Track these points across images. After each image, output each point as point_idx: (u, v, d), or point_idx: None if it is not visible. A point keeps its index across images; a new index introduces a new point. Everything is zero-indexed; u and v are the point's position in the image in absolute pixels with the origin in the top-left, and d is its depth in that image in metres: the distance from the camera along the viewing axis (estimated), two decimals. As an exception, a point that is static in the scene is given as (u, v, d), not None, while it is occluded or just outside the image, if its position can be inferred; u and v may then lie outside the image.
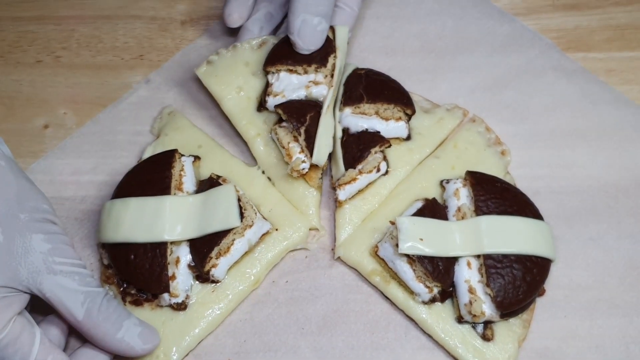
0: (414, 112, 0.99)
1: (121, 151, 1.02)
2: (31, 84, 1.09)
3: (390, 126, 0.98)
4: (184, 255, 0.88)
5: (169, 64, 1.11)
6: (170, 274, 0.86)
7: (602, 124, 1.04)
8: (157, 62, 1.12)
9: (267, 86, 0.99)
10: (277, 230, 0.93)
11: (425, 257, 0.84)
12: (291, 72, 0.98)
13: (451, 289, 0.87)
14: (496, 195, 0.90)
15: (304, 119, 0.94)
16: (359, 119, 0.97)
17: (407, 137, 1.00)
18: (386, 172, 0.97)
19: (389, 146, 0.97)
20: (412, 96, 1.01)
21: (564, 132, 1.03)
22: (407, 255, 0.85)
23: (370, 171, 0.95)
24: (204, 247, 0.87)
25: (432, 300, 0.87)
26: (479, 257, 0.86)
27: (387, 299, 0.91)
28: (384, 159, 0.97)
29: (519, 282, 0.84)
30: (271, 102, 0.97)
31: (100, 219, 0.91)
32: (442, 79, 1.09)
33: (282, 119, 0.96)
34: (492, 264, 0.84)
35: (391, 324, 0.90)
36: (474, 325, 0.87)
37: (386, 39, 1.12)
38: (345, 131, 0.97)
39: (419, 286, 0.86)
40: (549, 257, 0.87)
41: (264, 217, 0.93)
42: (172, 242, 0.87)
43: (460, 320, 0.86)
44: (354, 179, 0.94)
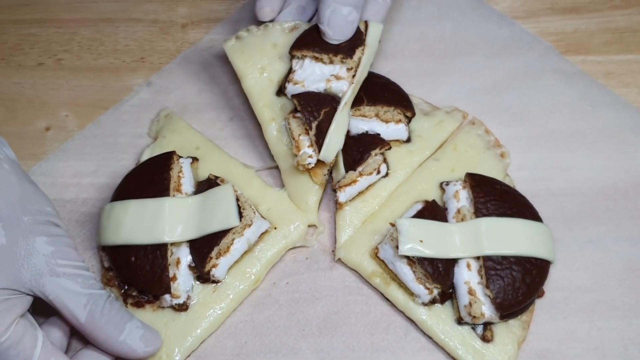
0: (413, 114, 0.99)
1: (122, 154, 1.03)
2: (33, 86, 1.10)
3: (390, 128, 0.98)
4: (185, 256, 0.88)
5: (170, 66, 1.11)
6: (171, 275, 0.86)
7: (600, 126, 1.04)
8: (159, 65, 1.12)
9: (289, 72, 0.97)
10: (275, 228, 0.94)
11: (425, 258, 0.84)
12: (317, 60, 0.96)
13: (451, 291, 0.88)
14: (496, 197, 0.91)
15: (317, 113, 0.92)
16: (359, 122, 0.97)
17: (407, 140, 1.00)
18: (386, 174, 0.98)
19: (389, 148, 0.97)
20: (412, 99, 1.01)
21: (563, 134, 1.04)
22: (407, 256, 0.85)
23: (370, 173, 0.95)
24: (204, 248, 0.87)
25: (432, 301, 0.87)
26: (478, 258, 0.86)
27: (387, 300, 0.91)
28: (384, 161, 0.97)
29: (519, 284, 0.84)
30: (290, 89, 0.96)
31: (99, 221, 0.91)
32: (441, 81, 1.09)
33: (297, 109, 0.94)
34: (491, 266, 0.85)
35: (391, 325, 0.90)
36: (473, 326, 0.87)
37: (386, 42, 1.13)
38: (345, 133, 0.98)
39: (419, 288, 0.86)
40: (548, 258, 0.87)
41: (263, 216, 0.94)
42: (172, 244, 0.88)
43: (460, 321, 0.87)
44: (355, 181, 0.94)
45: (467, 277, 0.86)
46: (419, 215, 0.89)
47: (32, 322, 0.81)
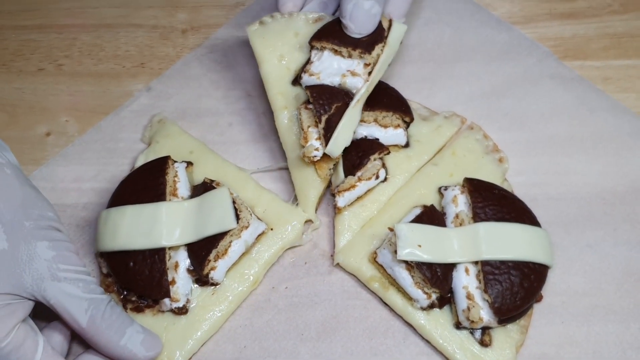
0: (412, 119, 1.00)
1: (123, 158, 1.03)
2: (33, 92, 1.10)
3: (388, 133, 0.98)
4: (183, 259, 0.88)
5: (170, 72, 1.12)
6: (170, 279, 0.86)
7: (599, 131, 1.04)
8: (158, 70, 1.12)
9: (307, 62, 0.97)
10: (272, 229, 0.94)
11: (423, 263, 0.84)
12: (335, 52, 0.95)
13: (449, 295, 0.88)
14: (494, 202, 0.91)
15: (329, 107, 0.91)
16: (358, 126, 0.97)
17: (406, 145, 1.00)
18: (385, 179, 0.98)
19: (388, 153, 0.97)
20: (410, 104, 1.01)
21: (561, 139, 1.04)
22: (405, 261, 0.85)
23: (369, 178, 0.95)
24: (202, 251, 0.87)
25: (431, 306, 0.87)
26: (476, 263, 0.86)
27: (385, 305, 0.91)
28: (383, 166, 0.97)
29: (517, 289, 0.84)
30: (305, 79, 0.96)
31: (97, 228, 0.91)
32: (440, 87, 1.10)
33: (310, 101, 0.94)
34: (489, 270, 0.85)
35: (390, 329, 0.90)
36: (472, 331, 0.87)
37: (385, 47, 1.13)
38: (345, 138, 0.98)
39: (417, 292, 0.86)
40: (546, 263, 0.88)
41: (259, 218, 0.94)
42: (170, 248, 0.88)
43: (458, 326, 0.87)
44: (353, 186, 0.94)
45: (466, 282, 0.86)
46: (418, 220, 0.89)
47: (33, 326, 0.81)
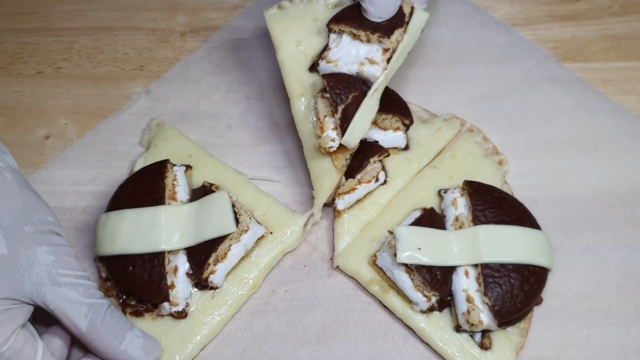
0: (412, 122, 0.99)
1: (122, 162, 1.03)
2: (32, 95, 1.10)
3: (388, 136, 0.98)
4: (182, 263, 0.88)
5: (169, 74, 1.12)
6: (169, 283, 0.86)
7: (599, 133, 1.04)
8: (157, 73, 1.12)
9: (325, 48, 0.95)
10: (271, 233, 0.94)
11: (423, 266, 0.84)
12: (354, 37, 0.93)
13: (449, 298, 0.88)
14: (494, 204, 0.91)
15: (346, 96, 0.89)
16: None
17: (405, 147, 1.00)
18: (384, 182, 0.98)
19: (388, 156, 0.97)
20: (410, 106, 1.01)
21: (561, 141, 1.04)
22: (405, 264, 0.85)
23: (369, 181, 0.95)
24: (201, 255, 0.87)
25: (430, 309, 0.87)
26: (476, 266, 0.86)
27: (385, 308, 0.91)
28: (383, 168, 0.97)
29: (517, 291, 0.84)
30: (323, 67, 0.94)
31: (95, 232, 0.91)
32: (439, 89, 1.10)
33: (327, 89, 0.91)
34: (489, 273, 0.85)
35: (390, 333, 0.90)
36: (472, 334, 0.87)
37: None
38: (344, 141, 0.98)
39: (417, 295, 0.86)
40: (546, 266, 0.87)
41: (258, 222, 0.94)
42: (169, 252, 0.88)
43: (458, 329, 0.87)
44: (353, 189, 0.94)
45: (465, 285, 0.86)
46: (417, 222, 0.89)
47: (33, 332, 0.81)
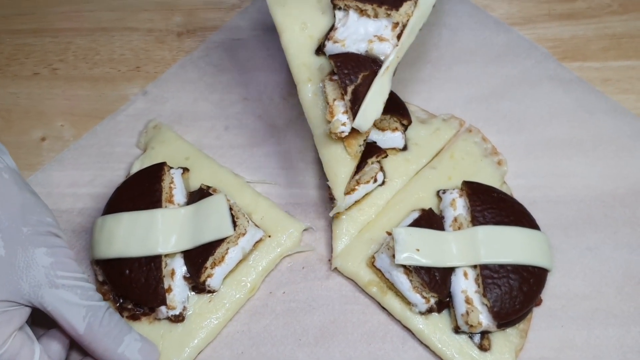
0: (410, 122, 0.99)
1: (119, 163, 1.02)
2: (28, 96, 1.09)
3: (386, 136, 0.98)
4: (179, 267, 0.88)
5: (166, 75, 1.11)
6: (166, 286, 0.86)
7: (598, 133, 1.04)
8: (154, 74, 1.12)
9: (331, 28, 0.89)
10: (270, 237, 0.94)
11: (421, 267, 0.84)
12: (361, 13, 0.87)
13: (448, 300, 0.87)
14: (493, 205, 0.90)
15: (355, 76, 0.84)
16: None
17: (404, 148, 1.00)
18: (383, 183, 0.98)
19: (386, 156, 0.97)
20: (408, 106, 1.01)
21: (560, 141, 1.03)
22: (403, 265, 0.85)
23: (367, 182, 0.95)
24: (198, 258, 0.87)
25: (429, 310, 0.87)
26: (475, 267, 0.86)
27: (384, 309, 0.91)
28: (381, 169, 0.97)
29: (516, 292, 0.84)
30: (329, 47, 0.88)
31: (92, 235, 0.90)
32: (438, 89, 1.09)
33: (335, 72, 0.86)
34: (488, 274, 0.84)
35: (388, 334, 0.89)
36: (471, 335, 0.87)
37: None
38: (342, 141, 0.98)
39: (415, 297, 0.86)
40: (546, 267, 0.87)
41: (257, 225, 0.94)
42: (166, 255, 0.87)
43: (457, 330, 0.86)
44: (352, 190, 0.94)
45: (464, 286, 0.86)
46: (416, 223, 0.89)
47: (30, 335, 0.80)
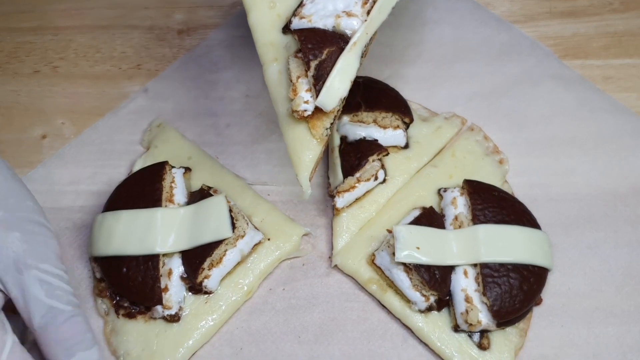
0: (412, 120, 0.99)
1: (119, 160, 1.02)
2: (29, 94, 1.10)
3: (388, 134, 0.98)
4: (177, 267, 0.87)
5: (167, 73, 1.11)
6: (162, 286, 0.86)
7: (599, 132, 1.04)
8: (155, 72, 1.12)
9: (299, 5, 0.85)
10: (269, 240, 0.93)
11: (422, 265, 0.84)
12: None
13: (448, 298, 0.87)
14: (493, 204, 0.90)
15: (319, 52, 0.80)
16: (357, 127, 0.97)
17: (405, 146, 1.00)
18: (384, 181, 0.97)
19: (387, 154, 0.97)
20: (410, 104, 1.01)
21: (561, 140, 1.03)
22: (403, 263, 0.85)
23: (368, 179, 0.94)
24: (196, 259, 0.86)
25: (429, 309, 0.87)
26: (475, 265, 0.86)
27: (384, 307, 0.90)
28: (382, 167, 0.97)
29: (516, 291, 0.84)
30: (295, 23, 0.84)
31: (91, 232, 0.90)
32: (440, 87, 1.09)
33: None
34: (488, 273, 0.84)
35: (388, 332, 0.89)
36: (470, 334, 0.86)
37: (384, 47, 1.13)
38: (343, 139, 0.98)
39: (415, 295, 0.86)
40: (546, 266, 0.87)
41: (256, 227, 0.93)
42: (164, 254, 0.87)
43: (456, 329, 0.86)
44: (353, 187, 0.94)
45: (464, 285, 0.85)
46: (416, 222, 0.89)
47: (4, 323, 0.76)
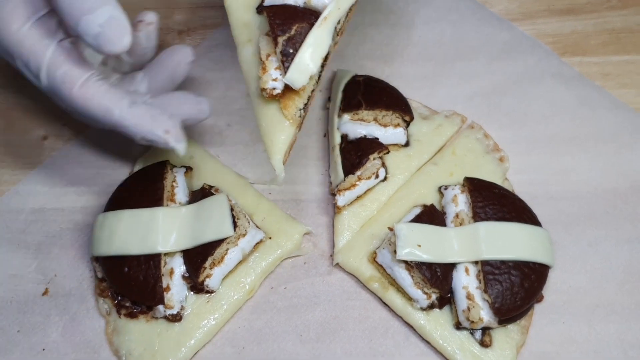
0: (412, 118, 0.99)
1: (121, 161, 1.03)
2: (30, 95, 1.09)
3: (388, 133, 0.98)
4: (178, 266, 0.88)
5: (168, 73, 1.11)
6: (164, 285, 0.86)
7: (600, 130, 1.04)
8: (156, 72, 1.11)
9: None
10: (270, 238, 0.93)
11: (423, 263, 0.84)
12: None
13: (449, 295, 0.87)
14: (494, 201, 0.90)
15: (288, 27, 0.77)
16: (358, 126, 0.97)
17: (406, 144, 1.00)
18: (385, 179, 0.98)
19: (388, 152, 0.97)
20: (410, 103, 1.01)
21: (562, 138, 1.03)
22: (405, 261, 0.85)
23: (369, 177, 0.95)
24: (197, 258, 0.86)
25: (431, 306, 0.87)
26: (477, 263, 0.86)
27: (385, 305, 0.91)
28: (383, 165, 0.97)
29: (517, 289, 0.84)
30: (268, 1, 0.81)
31: (93, 232, 0.90)
32: (440, 85, 1.09)
33: None
34: (490, 270, 0.84)
35: (390, 330, 0.90)
36: (472, 331, 0.87)
37: (385, 46, 1.13)
38: (343, 138, 0.98)
39: (417, 292, 0.86)
40: (547, 263, 0.87)
41: (257, 226, 0.93)
42: (165, 254, 0.87)
43: (458, 326, 0.86)
44: (353, 185, 0.94)
45: (466, 282, 0.86)
46: (417, 219, 0.89)
47: (52, 31, 0.78)
